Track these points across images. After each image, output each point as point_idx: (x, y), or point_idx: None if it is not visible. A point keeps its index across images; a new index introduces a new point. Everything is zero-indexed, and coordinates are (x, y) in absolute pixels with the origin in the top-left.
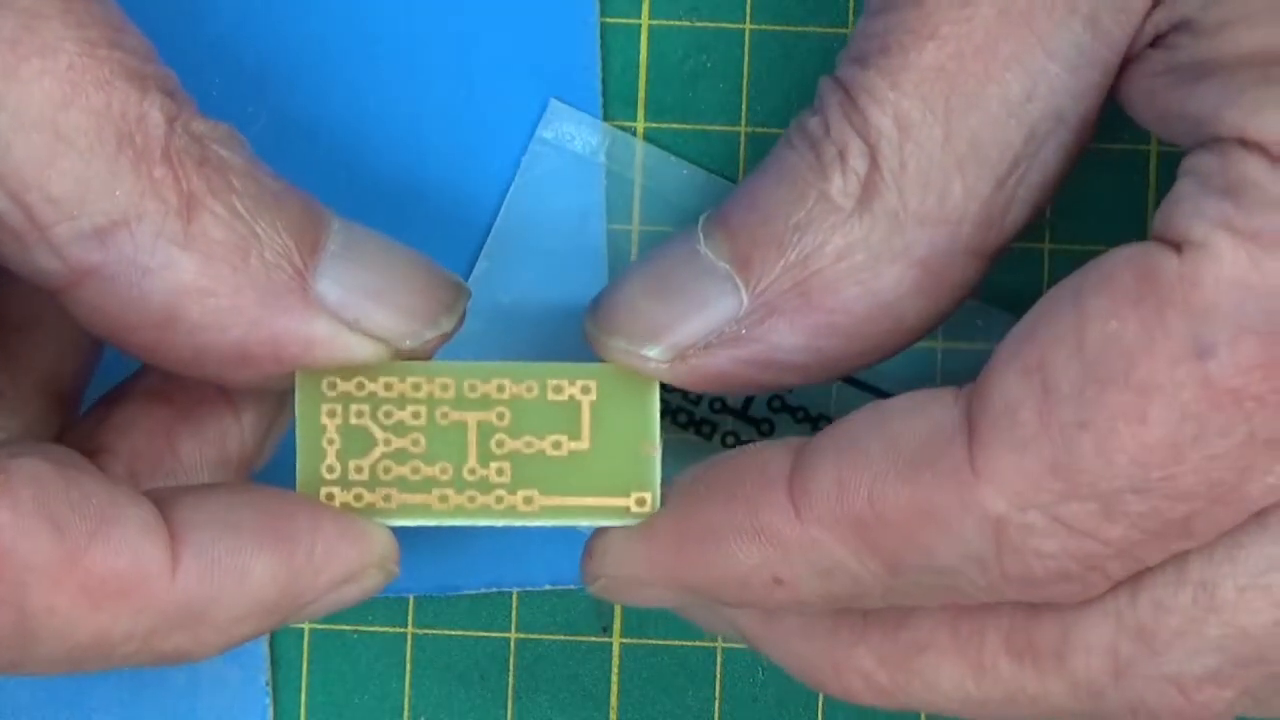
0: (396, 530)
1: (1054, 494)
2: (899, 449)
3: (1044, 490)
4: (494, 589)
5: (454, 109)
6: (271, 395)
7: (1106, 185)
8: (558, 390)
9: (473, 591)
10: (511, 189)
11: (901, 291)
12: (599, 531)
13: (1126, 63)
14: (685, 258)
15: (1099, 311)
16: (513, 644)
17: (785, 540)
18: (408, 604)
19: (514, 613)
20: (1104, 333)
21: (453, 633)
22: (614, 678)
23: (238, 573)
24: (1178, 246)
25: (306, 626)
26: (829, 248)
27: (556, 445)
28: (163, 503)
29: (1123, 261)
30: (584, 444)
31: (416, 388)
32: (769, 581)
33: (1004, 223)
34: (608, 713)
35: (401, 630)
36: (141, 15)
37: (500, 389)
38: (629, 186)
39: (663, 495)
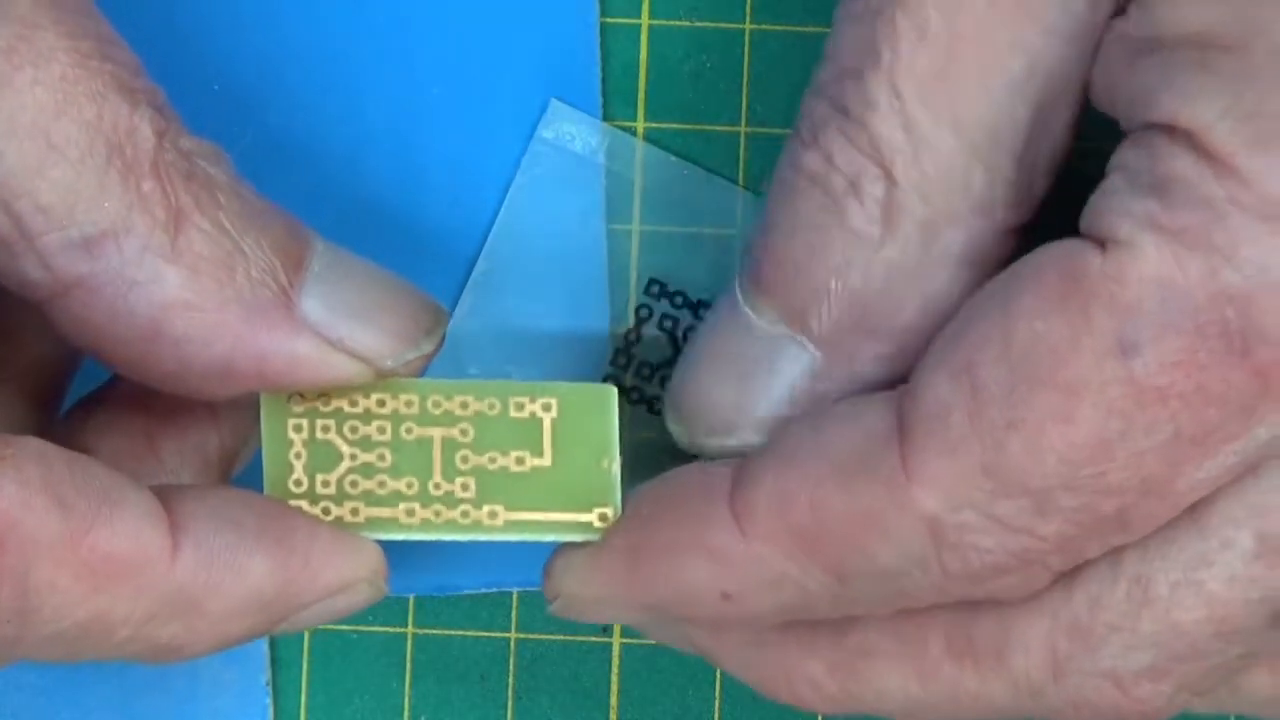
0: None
1: (986, 493)
2: (835, 457)
3: (976, 489)
4: (494, 589)
5: (454, 109)
6: (251, 400)
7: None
8: (519, 407)
9: (473, 591)
10: (512, 189)
11: (955, 291)
12: (556, 552)
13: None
14: (741, 332)
15: (1025, 311)
16: (513, 644)
17: (731, 556)
18: (408, 604)
19: (514, 613)
20: (1030, 332)
21: (453, 633)
22: (614, 678)
23: (236, 567)
24: (1103, 244)
25: None
26: (873, 276)
27: (520, 461)
28: (165, 496)
29: (1048, 260)
30: (546, 460)
31: (381, 404)
32: (718, 597)
33: (1031, 195)
34: (608, 713)
35: (401, 630)
36: (136, 23)
37: (464, 405)
38: (629, 186)
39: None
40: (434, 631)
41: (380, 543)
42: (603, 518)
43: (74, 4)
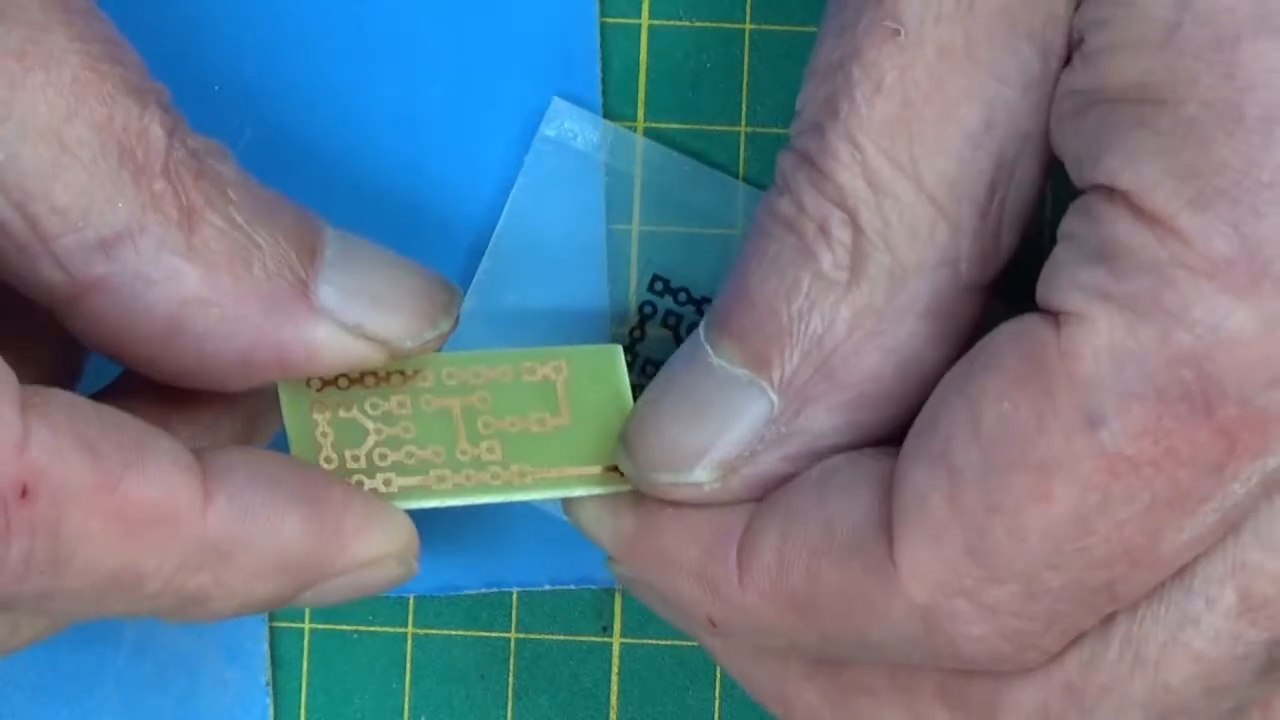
0: None
1: (975, 579)
2: (834, 532)
3: (965, 576)
4: (494, 589)
5: (456, 108)
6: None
7: None
8: (531, 372)
9: (473, 591)
10: (515, 187)
11: (918, 345)
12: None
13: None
14: (701, 374)
15: (989, 394)
16: (513, 644)
17: (725, 597)
18: (408, 604)
19: (514, 613)
20: (997, 415)
21: (453, 633)
22: (614, 678)
23: (268, 523)
24: (1055, 318)
25: (306, 627)
26: (838, 323)
27: (540, 422)
28: (202, 453)
29: (1006, 340)
30: (564, 419)
31: (398, 379)
32: (704, 618)
33: (998, 249)
34: (608, 713)
35: (401, 630)
36: (136, 23)
37: (476, 375)
38: (630, 183)
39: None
40: (434, 631)
41: None
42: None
43: (81, 6)
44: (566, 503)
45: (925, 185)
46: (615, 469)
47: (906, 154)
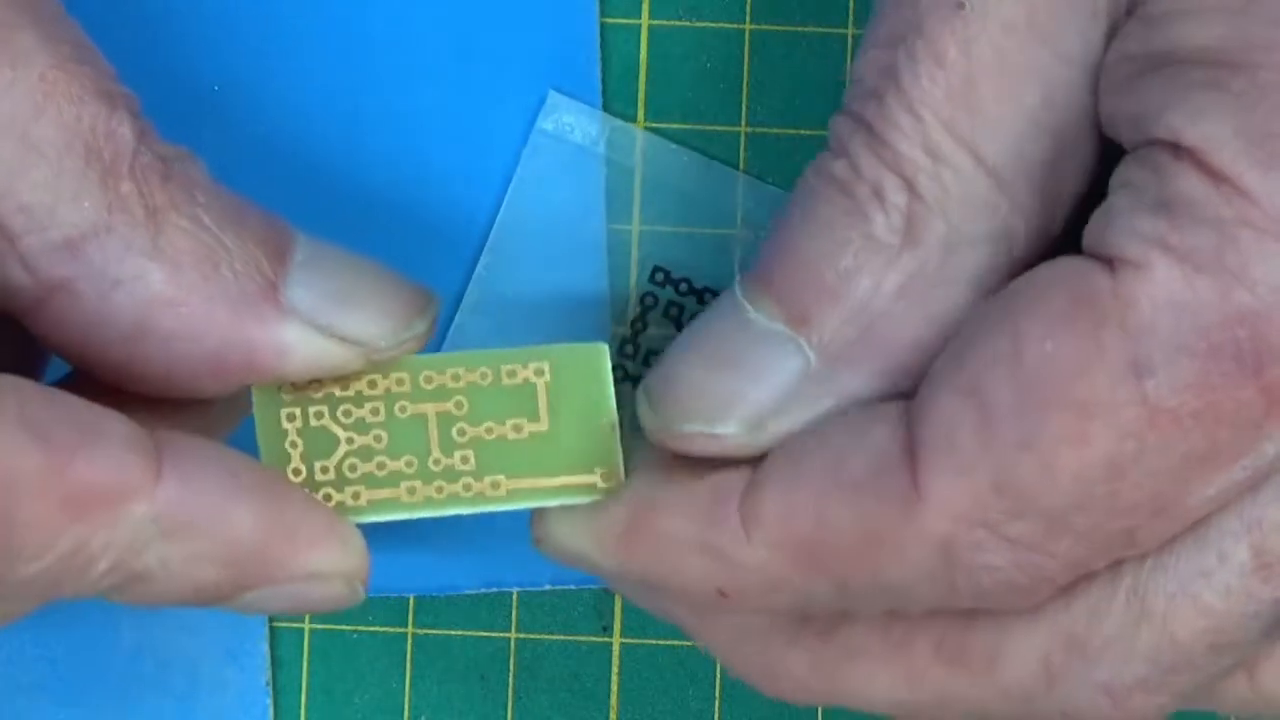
0: (390, 529)
1: (999, 513)
2: (844, 473)
3: (989, 509)
4: (494, 589)
5: (454, 104)
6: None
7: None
8: (512, 375)
9: (473, 591)
10: (513, 182)
11: (963, 316)
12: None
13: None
14: (736, 327)
15: (1034, 333)
16: (513, 644)
17: (733, 559)
18: (408, 604)
19: (514, 613)
20: (1040, 353)
21: (453, 633)
22: (614, 678)
23: (220, 509)
24: (1110, 264)
25: (306, 627)
26: (885, 287)
27: (517, 429)
28: (159, 436)
29: (1055, 281)
30: (543, 425)
31: (372, 384)
32: (713, 592)
33: (1052, 225)
34: (608, 713)
35: (401, 630)
36: (135, 23)
37: (455, 378)
38: (629, 176)
39: (627, 466)
40: (434, 631)
41: (383, 538)
42: (605, 477)
43: (50, 10)
44: (535, 521)
45: (984, 159)
46: (590, 480)
47: (967, 127)
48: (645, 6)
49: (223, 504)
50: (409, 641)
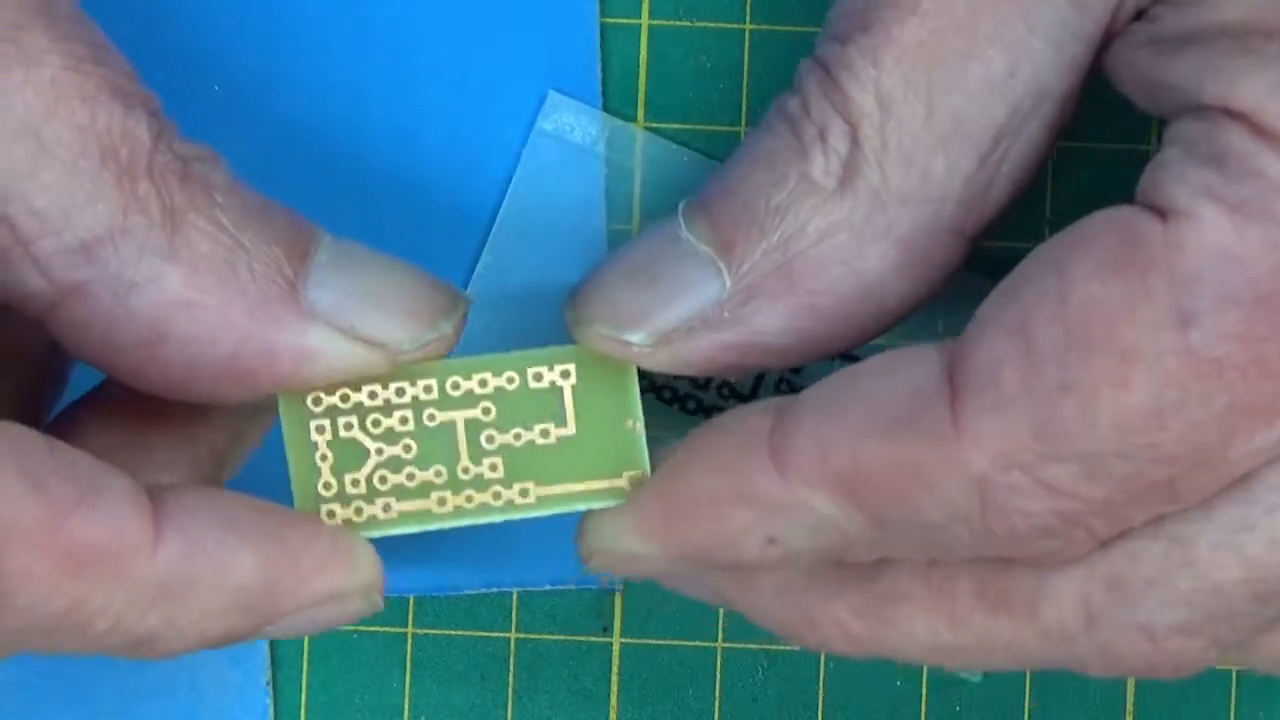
0: (396, 536)
1: (1036, 455)
2: (879, 409)
3: (1026, 451)
4: (494, 589)
5: (454, 104)
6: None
7: (1105, 185)
8: (538, 378)
9: (473, 591)
10: (513, 182)
11: (884, 271)
12: (588, 511)
13: (1110, 37)
14: (666, 243)
15: (1082, 274)
16: (513, 644)
17: (772, 500)
18: (408, 604)
19: (514, 613)
20: (1087, 294)
21: (453, 633)
22: (614, 678)
23: (221, 561)
24: (1162, 213)
25: None
26: (811, 228)
27: (545, 434)
28: (155, 490)
29: (1106, 225)
30: (570, 429)
31: (400, 392)
32: (762, 541)
33: (986, 201)
34: (608, 713)
35: (401, 630)
36: (135, 22)
37: (483, 383)
38: (629, 175)
39: (654, 469)
40: (434, 631)
41: (379, 541)
42: (634, 481)
43: (66, 10)
44: (580, 542)
45: (934, 116)
46: (619, 484)
47: (924, 80)
48: (645, 6)
49: (223, 556)
50: (409, 641)
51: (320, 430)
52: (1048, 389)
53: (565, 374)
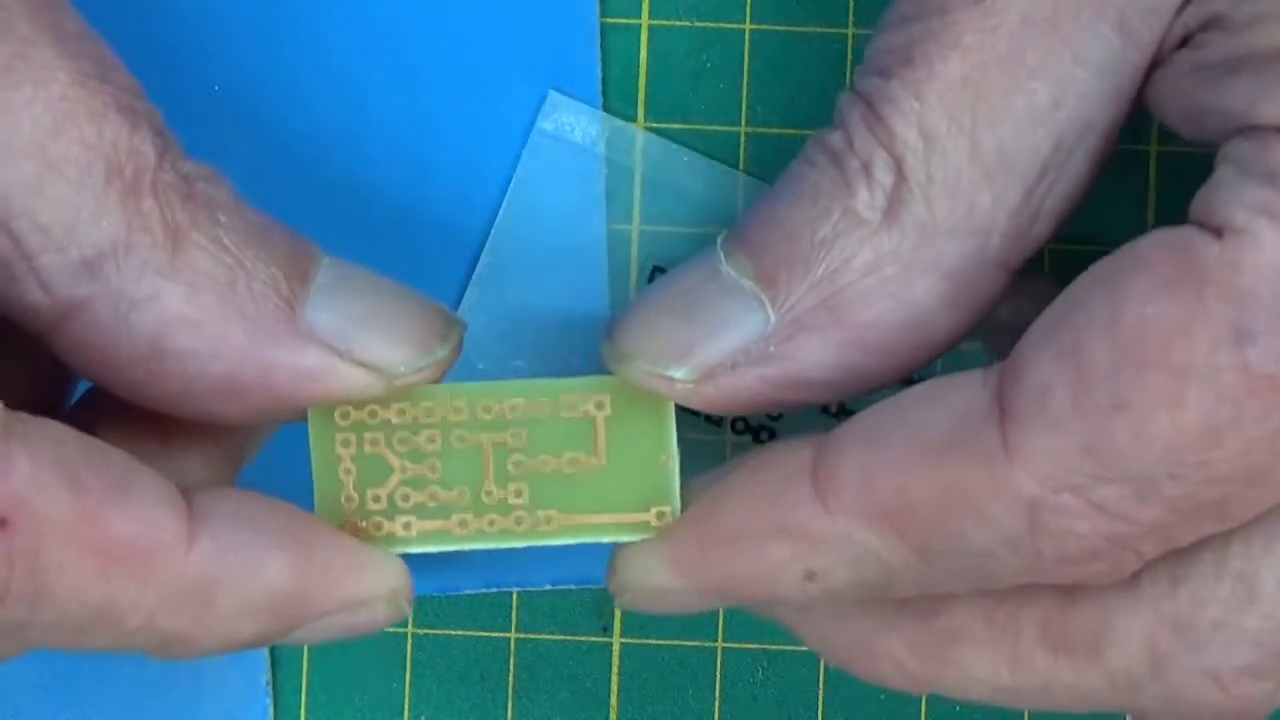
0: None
1: (1087, 476)
2: (925, 435)
3: (1077, 472)
4: (494, 589)
5: (454, 104)
6: None
7: (1106, 185)
8: (571, 407)
9: (473, 591)
10: (513, 183)
11: (930, 304)
12: (620, 546)
13: (1155, 66)
14: (707, 277)
15: (1136, 294)
16: (513, 644)
17: (814, 534)
18: None
19: (514, 613)
20: (1140, 315)
21: (453, 633)
22: (614, 678)
23: (252, 563)
24: (1218, 232)
25: None
26: (857, 262)
27: (573, 463)
28: (188, 490)
29: (1160, 246)
30: (600, 460)
31: (429, 412)
32: (800, 576)
33: (1031, 234)
34: (608, 713)
35: (401, 630)
36: (135, 25)
37: (514, 409)
38: (629, 176)
39: (683, 503)
40: (434, 631)
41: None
42: (660, 516)
43: (74, 27)
44: (610, 579)
45: (979, 149)
46: (645, 519)
47: (969, 115)
48: (645, 6)
49: (255, 558)
50: (409, 641)
51: (346, 444)
52: (1100, 409)
53: (600, 405)
